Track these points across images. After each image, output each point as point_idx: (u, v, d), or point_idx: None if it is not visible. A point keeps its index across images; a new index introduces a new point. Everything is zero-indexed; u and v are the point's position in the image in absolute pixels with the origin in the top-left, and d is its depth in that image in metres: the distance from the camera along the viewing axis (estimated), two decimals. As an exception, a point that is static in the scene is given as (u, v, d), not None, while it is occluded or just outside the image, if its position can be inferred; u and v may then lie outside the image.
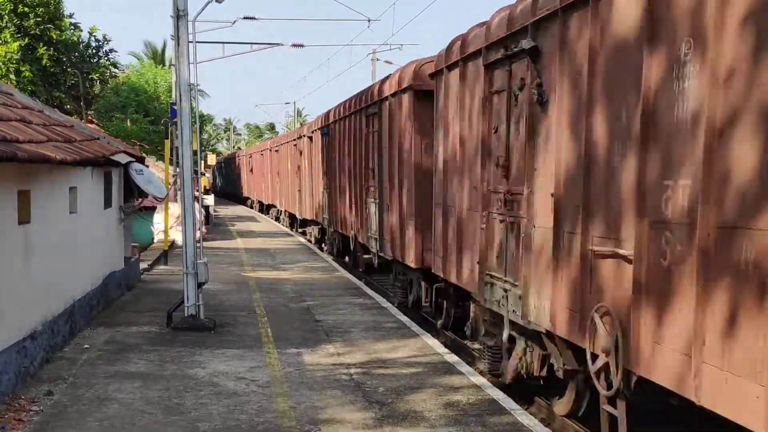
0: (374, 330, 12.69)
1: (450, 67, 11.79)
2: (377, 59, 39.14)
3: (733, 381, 5.15)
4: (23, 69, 23.32)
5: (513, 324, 9.30)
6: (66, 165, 10.03)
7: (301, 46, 32.05)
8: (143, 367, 10.02)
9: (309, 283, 18.02)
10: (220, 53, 28.09)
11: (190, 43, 12.60)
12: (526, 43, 8.48)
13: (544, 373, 8.96)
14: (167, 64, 48.80)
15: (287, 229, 35.27)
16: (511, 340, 9.51)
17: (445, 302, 13.19)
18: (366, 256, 18.71)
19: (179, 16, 12.44)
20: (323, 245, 26.27)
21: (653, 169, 6.15)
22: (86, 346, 11.09)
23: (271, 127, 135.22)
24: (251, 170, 49.64)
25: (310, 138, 27.13)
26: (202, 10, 16.55)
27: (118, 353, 10.74)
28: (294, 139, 31.59)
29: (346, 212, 20.89)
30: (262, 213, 46.00)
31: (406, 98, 14.25)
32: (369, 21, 30.05)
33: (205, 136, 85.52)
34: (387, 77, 16.19)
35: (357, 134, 18.91)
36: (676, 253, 5.84)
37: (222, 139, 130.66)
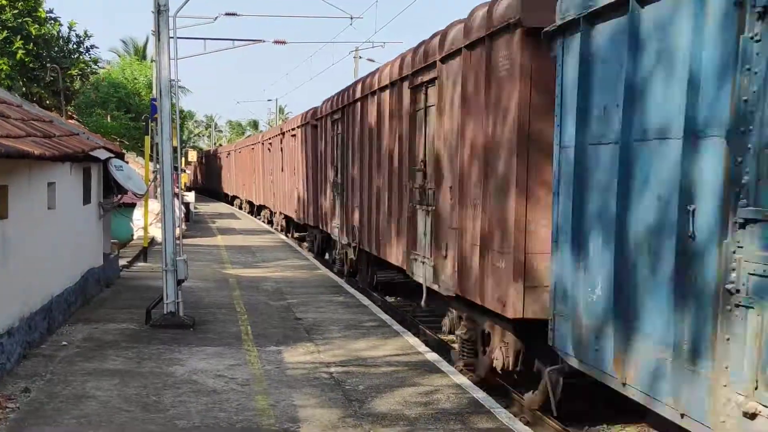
0: (355, 328, 12.67)
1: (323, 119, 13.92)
2: (360, 57, 39.10)
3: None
4: (0, 62, 23.09)
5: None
6: (45, 160, 9.94)
7: (283, 42, 31.84)
8: (121, 365, 9.95)
9: (289, 280, 17.98)
10: (201, 49, 27.96)
11: (171, 39, 12.53)
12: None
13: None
14: (149, 59, 48.53)
15: (268, 227, 35.16)
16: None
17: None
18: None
19: (160, 11, 12.36)
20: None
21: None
22: (64, 342, 11.00)
23: (254, 125, 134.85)
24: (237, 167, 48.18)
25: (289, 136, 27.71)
26: (183, 5, 16.45)
27: (96, 350, 10.66)
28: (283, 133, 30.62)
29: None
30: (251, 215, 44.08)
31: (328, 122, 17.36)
32: (351, 18, 30.01)
33: (186, 132, 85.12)
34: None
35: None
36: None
37: (203, 135, 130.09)
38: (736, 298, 5.10)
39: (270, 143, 34.00)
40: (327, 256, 22.85)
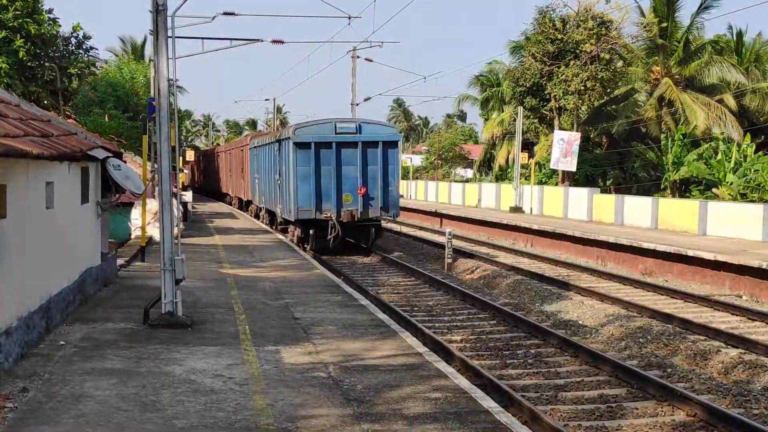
0: (353, 328, 12.68)
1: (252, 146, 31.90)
2: (358, 57, 39.11)
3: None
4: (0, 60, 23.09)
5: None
6: (43, 160, 9.94)
7: (281, 42, 31.80)
8: (119, 364, 9.95)
9: (287, 280, 17.98)
10: (199, 49, 27.92)
11: (169, 38, 12.51)
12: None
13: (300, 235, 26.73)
14: (147, 59, 48.44)
15: (266, 227, 35.20)
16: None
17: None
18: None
19: (158, 11, 12.35)
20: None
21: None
22: (62, 342, 11.00)
23: (252, 124, 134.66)
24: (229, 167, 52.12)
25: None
26: (181, 5, 16.42)
27: (94, 350, 10.66)
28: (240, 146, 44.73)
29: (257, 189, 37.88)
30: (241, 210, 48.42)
31: (247, 149, 34.02)
32: (350, 18, 30.01)
33: (184, 132, 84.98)
34: (246, 136, 35.98)
35: (237, 156, 44.19)
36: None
37: (201, 135, 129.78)
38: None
39: (233, 150, 47.68)
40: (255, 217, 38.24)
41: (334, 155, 25.77)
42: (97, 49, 43.51)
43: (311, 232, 26.18)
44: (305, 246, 26.35)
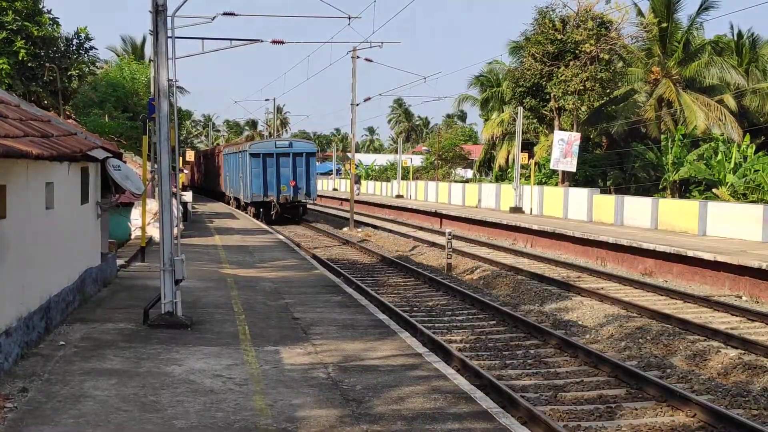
0: (352, 328, 12.69)
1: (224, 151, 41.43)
2: (358, 57, 39.10)
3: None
4: (0, 62, 23.10)
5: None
6: (43, 160, 9.94)
7: (281, 42, 31.78)
8: (119, 364, 9.96)
9: (287, 280, 17.99)
10: (199, 49, 27.92)
11: (168, 39, 12.52)
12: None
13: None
14: (147, 59, 48.46)
15: (266, 227, 35.21)
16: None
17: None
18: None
19: (158, 11, 12.36)
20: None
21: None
22: (62, 342, 11.01)
23: (252, 124, 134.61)
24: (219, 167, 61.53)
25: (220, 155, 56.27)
26: (181, 5, 16.41)
27: (93, 350, 10.67)
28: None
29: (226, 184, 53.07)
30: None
31: (221, 155, 52.81)
32: (349, 18, 29.98)
33: (185, 132, 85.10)
34: (218, 145, 48.76)
35: (212, 161, 58.92)
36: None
37: (201, 135, 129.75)
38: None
39: (218, 153, 57.83)
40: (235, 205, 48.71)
41: (275, 161, 41.04)
42: (97, 49, 43.60)
43: (261, 210, 41.35)
44: (259, 219, 40.30)
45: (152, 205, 22.56)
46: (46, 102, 25.98)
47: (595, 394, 11.09)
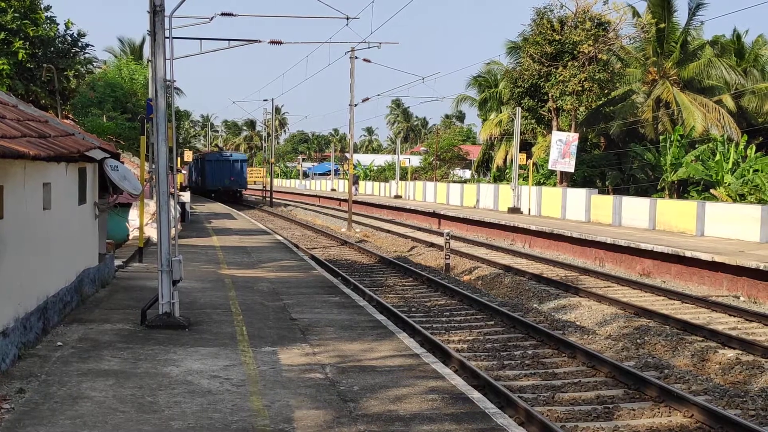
0: (350, 329, 12.68)
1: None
2: (356, 57, 39.12)
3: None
4: (0, 62, 23.08)
5: None
6: (40, 160, 9.93)
7: (279, 43, 31.74)
8: (116, 365, 9.95)
9: (285, 281, 17.98)
10: (197, 49, 27.86)
11: (166, 39, 12.51)
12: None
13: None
14: (145, 60, 48.43)
15: (264, 227, 35.18)
16: None
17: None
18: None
19: (156, 11, 12.35)
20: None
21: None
22: (59, 343, 10.99)
23: (251, 124, 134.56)
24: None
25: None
26: (179, 5, 16.38)
27: (91, 350, 10.66)
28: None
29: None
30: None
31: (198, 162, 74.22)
32: (348, 19, 29.96)
33: (183, 133, 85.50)
34: (203, 153, 66.86)
35: (196, 165, 75.82)
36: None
37: (199, 135, 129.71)
38: None
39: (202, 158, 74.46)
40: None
41: (221, 164, 67.79)
42: (93, 46, 43.49)
43: (213, 195, 65.60)
44: (213, 200, 60.91)
45: (150, 205, 22.55)
46: (44, 102, 25.95)
47: (593, 395, 11.09)
